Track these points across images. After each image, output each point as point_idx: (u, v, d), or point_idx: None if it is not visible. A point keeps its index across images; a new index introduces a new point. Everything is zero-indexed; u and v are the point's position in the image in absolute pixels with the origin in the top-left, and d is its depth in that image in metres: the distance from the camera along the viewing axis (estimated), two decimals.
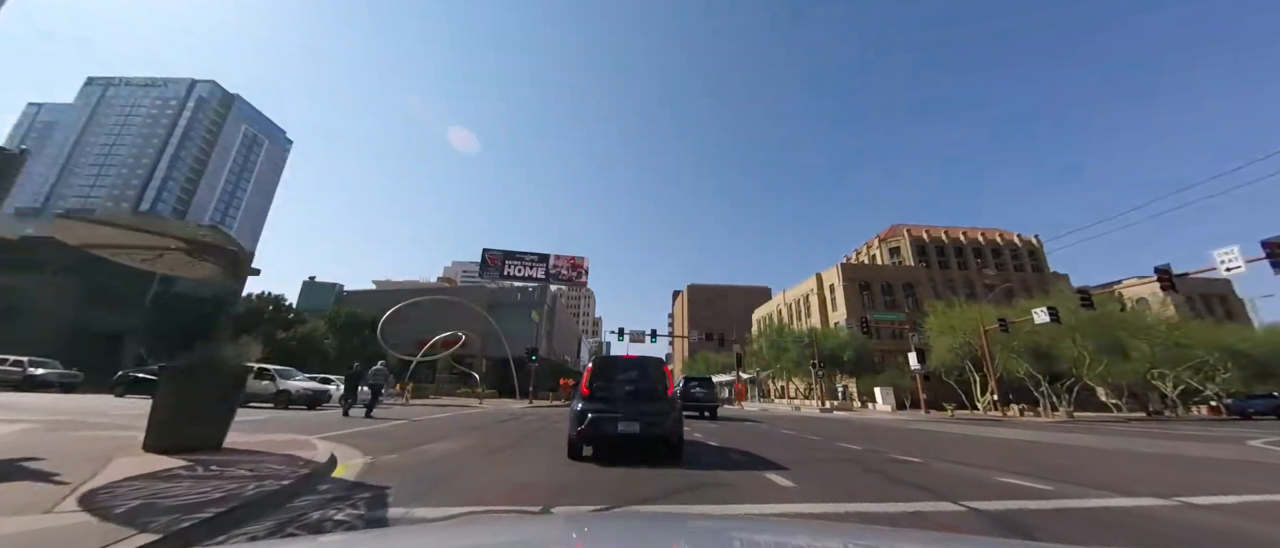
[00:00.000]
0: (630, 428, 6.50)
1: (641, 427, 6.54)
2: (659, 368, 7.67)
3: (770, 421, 19.52)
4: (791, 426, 16.60)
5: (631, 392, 7.23)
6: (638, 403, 6.96)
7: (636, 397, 7.14)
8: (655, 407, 6.91)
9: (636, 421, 6.57)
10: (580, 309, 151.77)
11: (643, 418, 6.63)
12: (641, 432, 6.53)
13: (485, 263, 44.76)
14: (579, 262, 46.39)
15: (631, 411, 6.73)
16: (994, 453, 9.29)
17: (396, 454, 7.04)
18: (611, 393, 7.16)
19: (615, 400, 7.00)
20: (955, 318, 31.02)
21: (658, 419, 6.72)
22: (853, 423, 18.91)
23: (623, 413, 6.66)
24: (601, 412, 6.66)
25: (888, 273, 59.08)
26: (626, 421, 6.55)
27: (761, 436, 12.10)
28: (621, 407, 6.81)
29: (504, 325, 45.63)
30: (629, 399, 7.08)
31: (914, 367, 27.18)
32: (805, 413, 27.67)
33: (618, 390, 7.22)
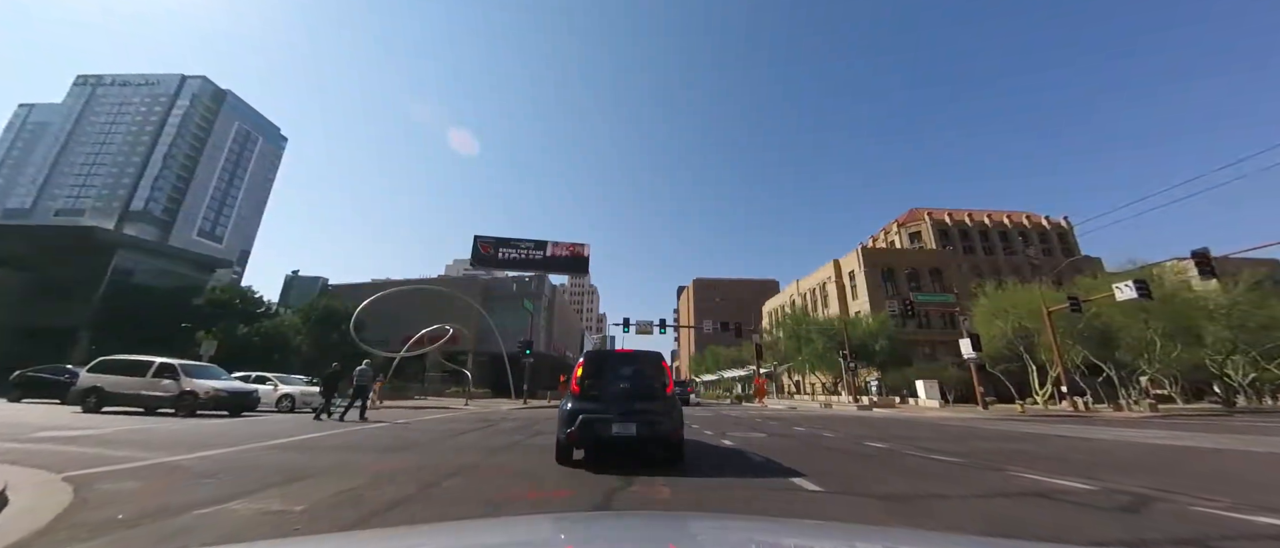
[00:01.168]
0: (626, 430, 5.93)
1: (639, 428, 5.96)
2: (657, 363, 6.99)
3: (803, 421, 15.82)
4: (837, 428, 12.85)
5: (627, 390, 6.59)
6: (634, 402, 6.34)
7: (633, 395, 6.50)
8: (654, 406, 6.28)
9: (633, 421, 5.98)
10: (583, 305, 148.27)
11: (640, 418, 6.03)
12: (638, 433, 5.95)
13: (477, 252, 41.14)
14: (579, 248, 42.68)
15: (627, 410, 6.12)
16: (1188, 470, 6.54)
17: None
18: (605, 391, 6.49)
19: (609, 399, 6.34)
20: (1008, 300, 27.05)
21: (657, 419, 6.10)
22: (916, 424, 15.17)
23: (617, 413, 6.05)
24: (594, 412, 6.02)
25: (913, 257, 55.00)
26: (622, 421, 5.97)
27: (810, 445, 8.49)
28: (616, 406, 6.19)
29: (499, 320, 42.08)
30: (624, 398, 6.43)
31: (967, 355, 23.30)
32: (839, 411, 23.88)
33: (612, 388, 6.57)
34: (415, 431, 11.01)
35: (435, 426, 12.44)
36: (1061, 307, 23.91)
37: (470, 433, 10.58)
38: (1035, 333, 27.07)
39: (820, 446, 9.09)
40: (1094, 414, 20.63)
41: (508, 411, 21.19)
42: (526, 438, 9.58)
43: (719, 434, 10.75)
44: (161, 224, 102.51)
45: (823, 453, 7.98)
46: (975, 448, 8.91)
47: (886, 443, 9.50)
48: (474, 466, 6.34)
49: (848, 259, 55.44)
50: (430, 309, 38.21)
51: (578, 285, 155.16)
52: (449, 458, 6.96)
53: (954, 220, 66.72)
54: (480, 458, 7.00)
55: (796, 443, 9.45)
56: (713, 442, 9.36)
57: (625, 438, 5.93)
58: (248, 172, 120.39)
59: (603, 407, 6.16)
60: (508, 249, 41.81)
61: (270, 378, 15.98)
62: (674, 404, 6.49)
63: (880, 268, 52.01)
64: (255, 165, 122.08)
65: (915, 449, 8.57)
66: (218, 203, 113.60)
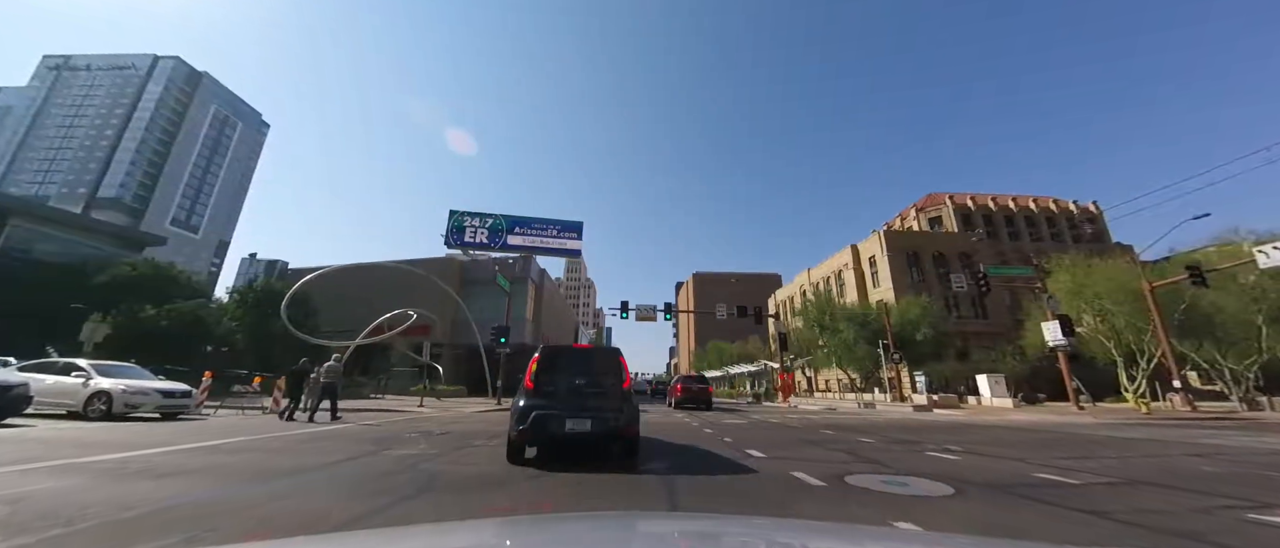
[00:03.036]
0: (579, 426, 5.71)
1: (594, 424, 5.75)
2: (614, 359, 6.76)
3: (903, 430, 10.86)
4: (999, 447, 7.98)
5: (582, 386, 6.37)
6: (589, 399, 6.17)
7: (588, 392, 6.31)
8: (609, 403, 6.11)
9: (587, 417, 5.78)
10: (580, 299, 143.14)
11: (594, 415, 5.83)
12: (593, 430, 5.74)
13: (455, 228, 35.91)
14: (570, 226, 37.49)
15: (582, 406, 5.94)
16: None
17: None
18: (559, 387, 6.26)
19: (563, 395, 6.16)
20: (1095, 276, 22.15)
21: (611, 416, 5.90)
22: (1055, 438, 10.35)
23: (572, 409, 5.86)
24: (547, 408, 5.81)
25: (940, 241, 50.13)
26: (575, 417, 5.75)
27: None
28: (570, 402, 6.02)
29: (480, 309, 36.97)
30: (579, 394, 6.25)
31: (1054, 340, 18.33)
32: (895, 414, 18.90)
33: (567, 384, 6.32)
34: (284, 451, 6.48)
35: (319, 442, 7.57)
36: (1170, 282, 18.99)
37: (351, 462, 5.91)
38: (1118, 317, 22.24)
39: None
40: (1256, 417, 15.74)
41: (471, 413, 16.19)
42: (410, 490, 4.58)
43: (835, 483, 5.47)
44: (132, 212, 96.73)
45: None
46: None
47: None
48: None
49: (868, 244, 50.53)
50: (401, 295, 33.06)
51: (573, 279, 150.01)
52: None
53: (977, 205, 61.97)
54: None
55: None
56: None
57: (579, 435, 5.70)
58: (226, 158, 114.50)
59: (556, 403, 5.94)
60: (484, 226, 36.53)
61: (82, 367, 10.81)
62: (630, 401, 6.33)
63: (905, 252, 47.15)
64: (234, 152, 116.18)
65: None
66: (194, 190, 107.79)
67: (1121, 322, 22.07)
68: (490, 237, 36.37)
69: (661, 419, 14.33)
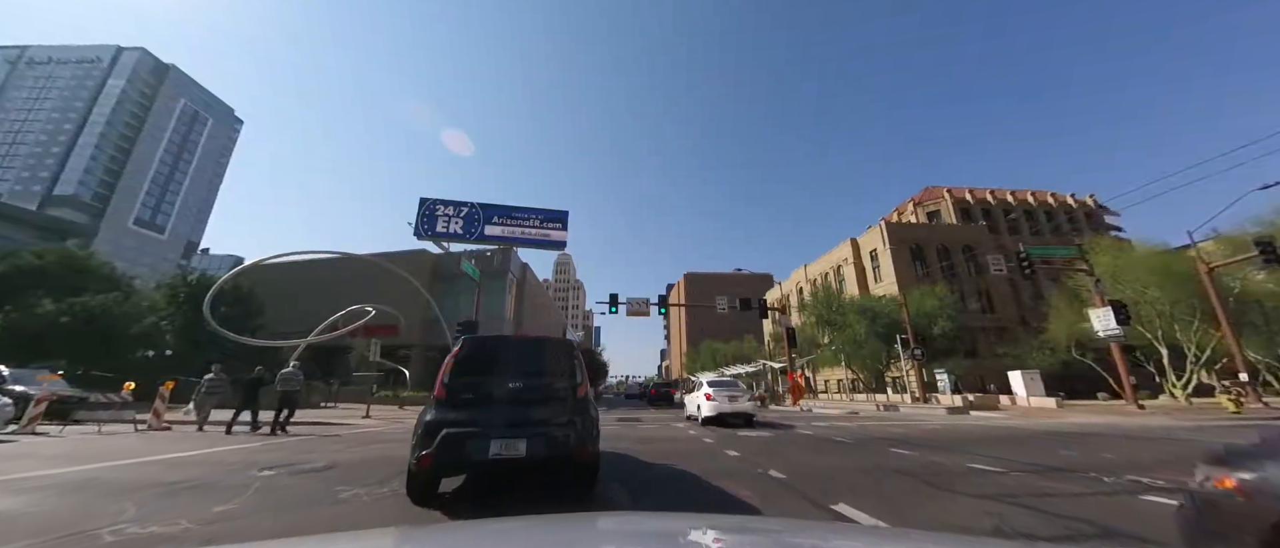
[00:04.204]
0: (510, 449, 4.02)
1: (530, 445, 4.07)
2: (566, 354, 5.03)
3: (1002, 443, 8.17)
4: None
5: (518, 392, 4.64)
6: (527, 409, 4.49)
7: (526, 400, 4.62)
8: (555, 414, 4.47)
9: (522, 435, 4.10)
10: (568, 301, 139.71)
11: (533, 432, 4.17)
12: (529, 453, 4.04)
13: (426, 217, 32.70)
14: (554, 216, 34.52)
15: (514, 420, 4.26)
16: None
17: None
18: (485, 394, 4.57)
19: (490, 405, 4.48)
20: (1135, 259, 19.85)
21: (557, 433, 4.24)
22: None
23: (500, 425, 4.17)
24: (463, 425, 4.09)
25: (943, 233, 48.19)
26: (505, 437, 4.05)
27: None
28: (499, 415, 4.33)
29: (453, 306, 33.79)
30: (512, 403, 4.54)
31: (1106, 329, 15.80)
32: (938, 419, 16.27)
33: (496, 390, 4.62)
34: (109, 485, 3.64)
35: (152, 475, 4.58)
36: (1233, 262, 16.68)
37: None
38: (1164, 304, 19.99)
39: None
40: None
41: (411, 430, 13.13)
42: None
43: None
44: (92, 210, 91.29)
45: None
46: None
47: None
48: None
49: (868, 237, 48.34)
50: (367, 292, 29.76)
51: (562, 279, 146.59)
52: None
53: (976, 198, 60.43)
54: None
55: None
56: None
57: (509, 461, 3.99)
58: (196, 155, 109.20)
59: (479, 416, 4.27)
60: (458, 215, 33.33)
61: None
62: (588, 411, 4.63)
63: (908, 245, 45.01)
64: (204, 149, 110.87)
65: None
66: (159, 188, 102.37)
67: (1168, 309, 19.79)
68: (466, 227, 33.18)
69: (657, 431, 11.48)
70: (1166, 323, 19.88)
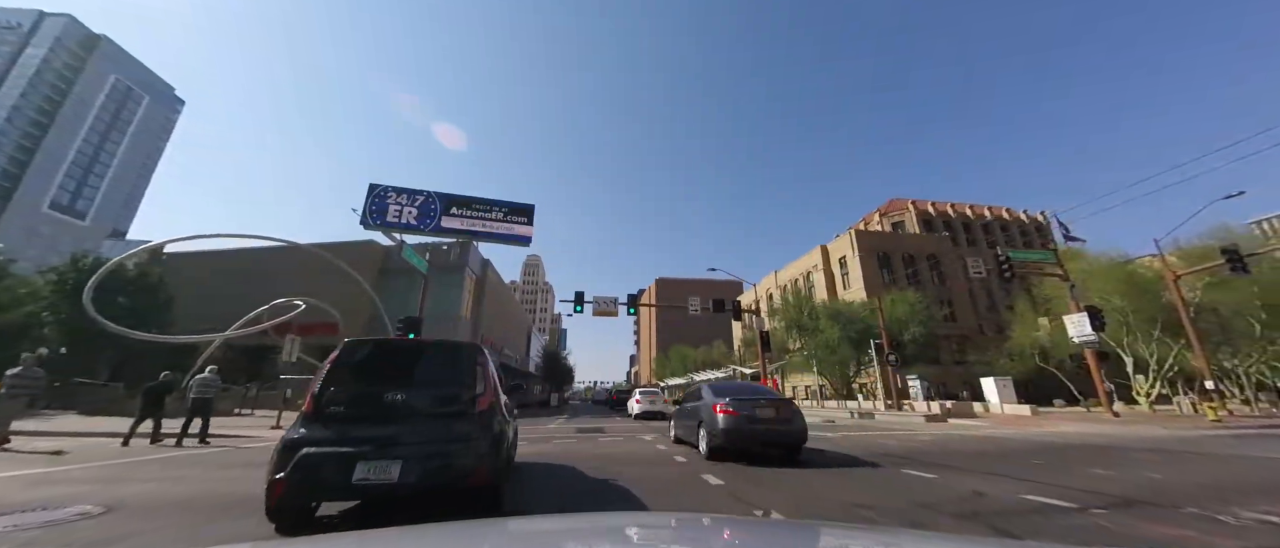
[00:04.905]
0: (382, 473, 3.23)
1: (404, 469, 3.25)
2: (461, 359, 4.12)
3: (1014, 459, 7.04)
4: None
5: (398, 405, 3.76)
6: (407, 424, 3.60)
7: (407, 413, 3.73)
8: (443, 429, 3.60)
9: (396, 458, 3.30)
10: (537, 305, 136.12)
11: (410, 453, 3.34)
12: (404, 479, 3.22)
13: (376, 205, 29.96)
14: (520, 209, 32.44)
15: (390, 438, 3.42)
16: None
17: None
18: (360, 407, 3.69)
19: (363, 421, 3.59)
20: (1102, 269, 19.93)
21: (444, 451, 3.42)
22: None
23: (372, 443, 3.36)
24: (327, 444, 3.33)
25: (909, 242, 48.97)
26: (376, 458, 3.28)
27: None
28: (372, 432, 3.47)
29: (402, 303, 31.11)
30: (390, 419, 3.64)
31: (1080, 335, 15.43)
32: (925, 429, 15.38)
33: (372, 402, 3.74)
34: None
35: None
36: (1198, 270, 16.74)
37: None
38: (1128, 313, 20.15)
39: None
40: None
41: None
42: None
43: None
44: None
45: None
46: None
47: None
48: None
49: (838, 244, 48.58)
50: (307, 287, 26.82)
51: (531, 282, 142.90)
52: None
53: (937, 211, 62.39)
54: None
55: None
56: None
57: (380, 487, 3.18)
58: (126, 136, 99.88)
59: (347, 433, 3.40)
60: (416, 205, 30.77)
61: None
62: (489, 426, 3.75)
63: (876, 252, 45.40)
64: (138, 129, 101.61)
65: None
66: (82, 170, 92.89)
67: (1129, 319, 19.93)
68: (421, 217, 30.54)
69: (619, 447, 9.93)
70: (1130, 332, 20.05)
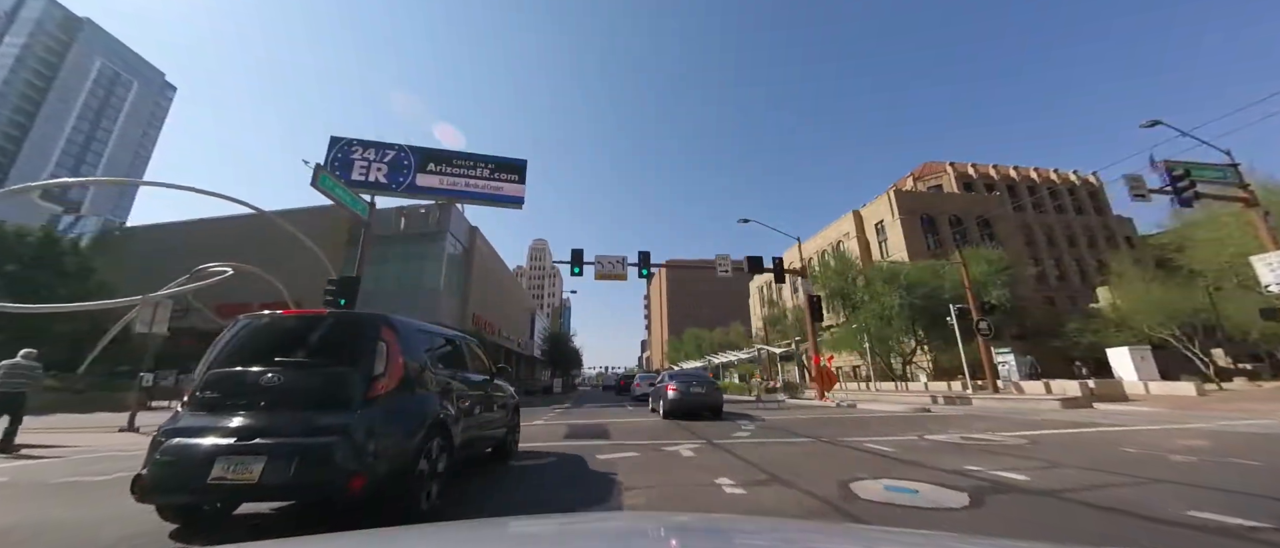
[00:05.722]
0: (242, 471, 2.68)
1: (269, 467, 2.69)
2: (361, 332, 3.39)
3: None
4: None
5: (275, 387, 3.09)
6: (279, 413, 2.98)
7: (283, 398, 3.06)
8: (319, 419, 2.94)
9: (261, 452, 2.75)
10: (544, 290, 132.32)
11: (277, 447, 2.77)
12: (265, 478, 2.66)
13: (338, 161, 25.50)
14: (509, 165, 27.82)
15: (258, 429, 2.88)
16: None
17: None
18: (233, 392, 3.12)
19: (234, 409, 3.03)
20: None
21: (313, 445, 2.80)
22: None
23: (239, 436, 2.84)
24: (192, 435, 2.88)
25: (957, 202, 43.54)
26: (238, 453, 2.75)
27: None
28: (238, 422, 2.93)
29: (379, 277, 26.81)
30: (261, 407, 3.02)
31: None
32: (1076, 422, 10.62)
33: (247, 388, 3.11)
34: None
35: None
36: None
37: None
38: None
39: None
40: None
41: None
42: None
43: None
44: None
45: None
46: None
47: None
48: None
49: (873, 208, 43.26)
50: (267, 260, 22.58)
51: (537, 267, 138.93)
52: None
53: (979, 173, 56.36)
54: None
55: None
56: None
57: (239, 488, 2.67)
58: (118, 123, 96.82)
59: (215, 423, 2.91)
60: (385, 161, 26.21)
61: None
62: (390, 418, 3.13)
63: (919, 214, 40.10)
64: (128, 116, 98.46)
65: None
66: (73, 161, 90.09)
67: None
68: (391, 175, 26.11)
69: (655, 460, 5.41)
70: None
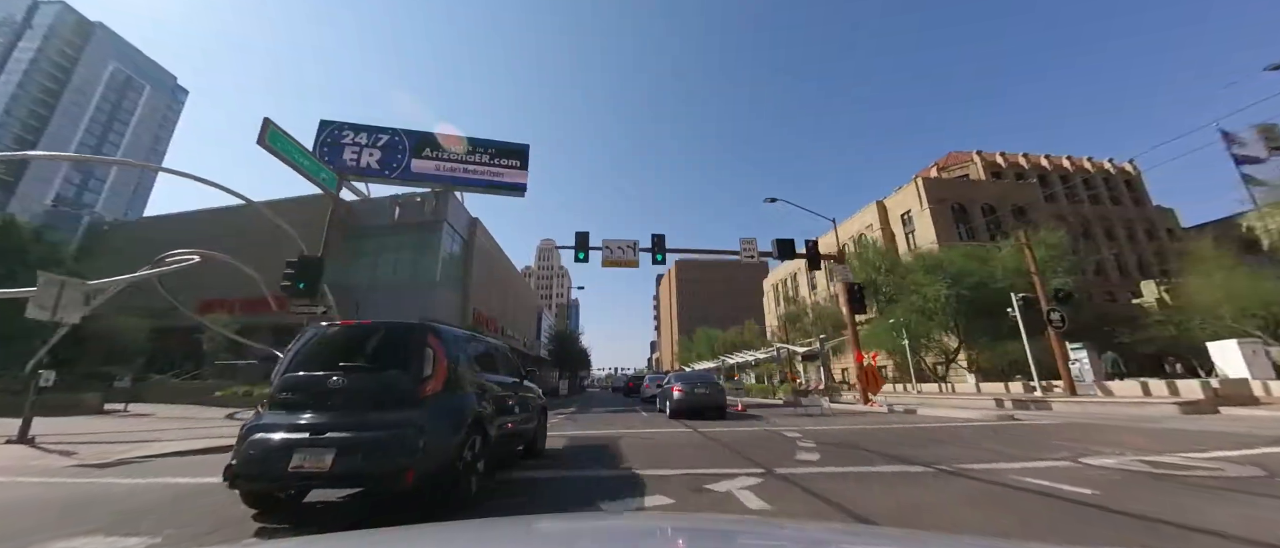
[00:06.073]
0: (316, 461, 3.17)
1: (338, 458, 3.18)
2: (409, 342, 3.85)
3: None
4: None
5: (341, 390, 3.61)
6: (344, 412, 3.51)
7: (349, 398, 3.59)
8: (380, 416, 3.46)
9: (330, 445, 3.25)
10: (553, 290, 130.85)
11: (342, 441, 3.27)
12: (335, 467, 3.16)
13: (328, 145, 23.85)
14: (510, 150, 25.99)
15: (328, 425, 3.40)
16: None
17: None
18: (308, 392, 3.65)
19: (307, 407, 3.57)
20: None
21: (376, 438, 3.30)
22: None
23: (312, 431, 3.35)
24: (274, 430, 3.39)
25: (990, 190, 40.87)
26: (312, 445, 3.25)
27: None
28: (310, 420, 3.45)
29: (368, 267, 25.14)
30: (329, 406, 3.56)
31: None
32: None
33: (316, 389, 3.64)
34: None
35: None
36: None
37: None
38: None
39: None
40: None
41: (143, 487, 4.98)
42: None
43: None
44: (1, 184, 79.87)
45: None
46: None
47: None
48: None
49: (899, 197, 40.80)
50: (258, 252, 20.97)
51: (546, 268, 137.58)
52: None
53: (1008, 162, 53.48)
54: None
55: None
56: None
57: (313, 477, 3.16)
58: (130, 127, 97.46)
59: (293, 420, 3.44)
60: (377, 145, 24.47)
61: None
62: (438, 415, 3.58)
63: (949, 202, 37.55)
64: (140, 120, 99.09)
65: None
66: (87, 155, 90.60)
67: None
68: (384, 160, 24.37)
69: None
70: None
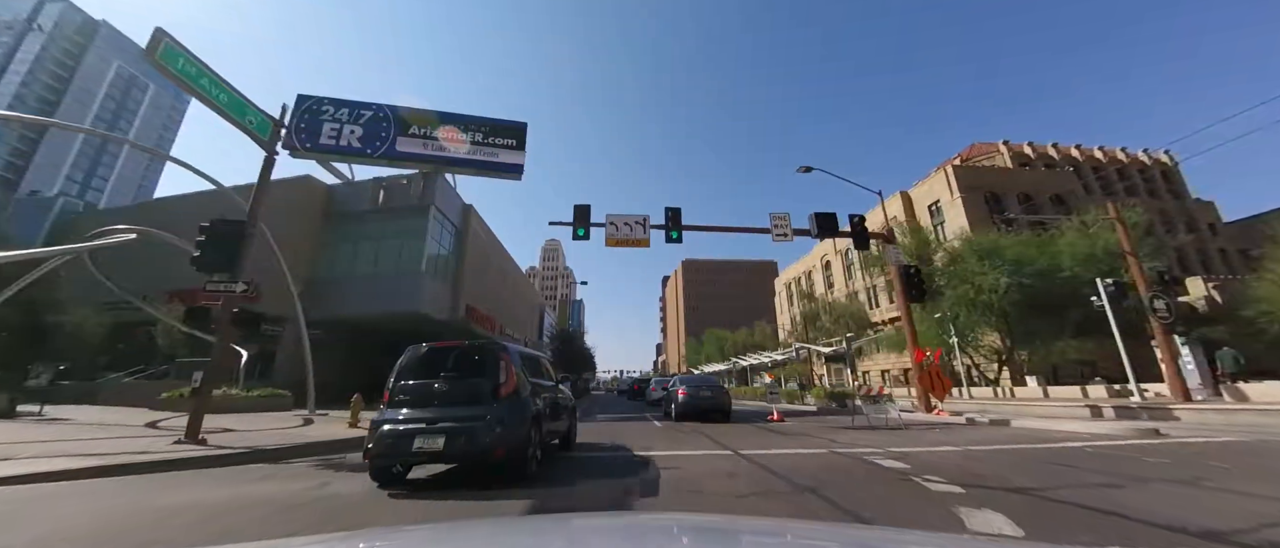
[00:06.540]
0: (431, 443, 4.74)
1: (448, 441, 4.73)
2: (489, 356, 5.47)
3: None
4: None
5: (443, 392, 5.24)
6: (449, 407, 5.09)
7: (449, 399, 5.18)
8: (473, 412, 4.99)
9: (441, 432, 4.78)
10: (557, 290, 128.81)
11: (451, 429, 4.79)
12: (445, 449, 4.73)
13: (306, 123, 21.57)
14: (506, 128, 23.49)
15: (436, 418, 4.94)
16: None
17: None
18: (416, 395, 5.25)
19: (419, 405, 5.17)
20: None
21: (472, 430, 4.80)
22: None
23: (425, 423, 4.90)
24: (397, 423, 4.95)
25: (1026, 179, 38.14)
26: (427, 433, 4.79)
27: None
28: (424, 414, 5.03)
29: (349, 254, 23.04)
30: (437, 403, 5.16)
31: None
32: None
33: (423, 391, 5.26)
34: None
35: None
36: None
37: None
38: None
39: None
40: None
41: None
42: None
43: None
44: (4, 183, 79.30)
45: None
46: None
47: None
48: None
49: (926, 187, 38.17)
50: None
51: (550, 268, 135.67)
52: None
53: (1037, 152, 50.65)
54: None
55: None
56: None
57: (430, 455, 4.76)
58: (134, 126, 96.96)
59: (409, 415, 5.01)
60: (359, 120, 22.22)
61: None
62: (511, 410, 5.12)
63: (981, 191, 34.86)
64: (144, 119, 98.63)
65: None
66: (88, 161, 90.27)
67: None
68: (367, 139, 21.80)
69: None
70: None
